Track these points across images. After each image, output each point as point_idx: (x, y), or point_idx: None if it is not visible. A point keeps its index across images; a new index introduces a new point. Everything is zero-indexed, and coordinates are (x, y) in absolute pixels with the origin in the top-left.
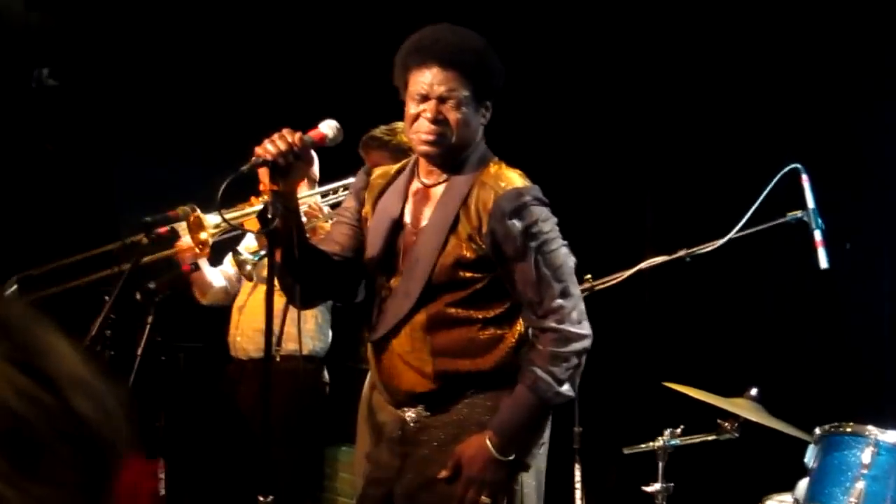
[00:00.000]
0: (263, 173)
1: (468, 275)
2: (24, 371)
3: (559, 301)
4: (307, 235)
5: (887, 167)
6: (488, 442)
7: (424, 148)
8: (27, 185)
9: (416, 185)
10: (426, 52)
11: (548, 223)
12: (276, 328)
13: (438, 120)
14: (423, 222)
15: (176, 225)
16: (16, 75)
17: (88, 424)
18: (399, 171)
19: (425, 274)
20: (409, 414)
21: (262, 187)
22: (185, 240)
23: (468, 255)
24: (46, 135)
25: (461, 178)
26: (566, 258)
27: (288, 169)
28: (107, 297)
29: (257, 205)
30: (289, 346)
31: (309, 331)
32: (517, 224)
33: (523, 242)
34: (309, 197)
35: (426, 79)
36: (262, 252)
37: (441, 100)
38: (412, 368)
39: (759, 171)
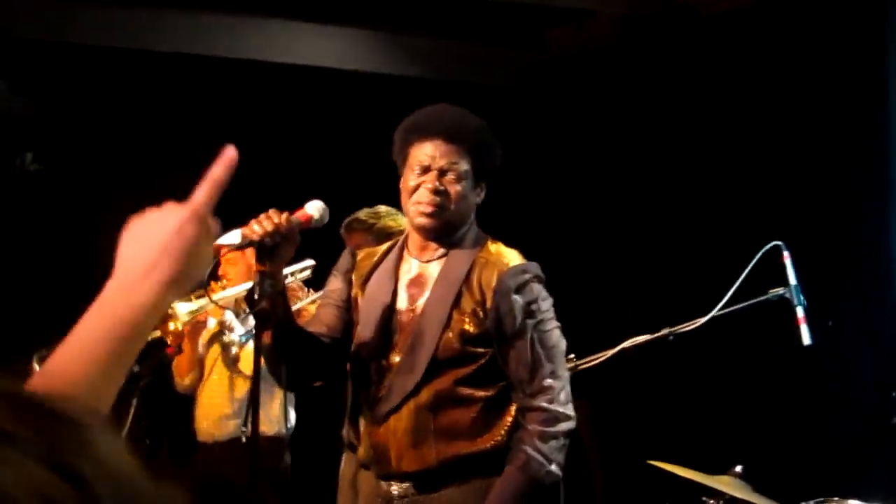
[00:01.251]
0: (250, 254)
1: (471, 349)
2: (49, 467)
3: (549, 381)
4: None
5: (867, 243)
6: None
7: (422, 220)
8: (14, 271)
9: (407, 263)
10: (430, 127)
11: (546, 302)
12: (242, 410)
13: (439, 191)
14: (421, 299)
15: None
16: None
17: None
18: (386, 252)
19: (430, 349)
20: (396, 488)
21: (220, 271)
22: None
23: (471, 329)
24: (30, 220)
25: (460, 254)
26: (559, 340)
27: (274, 249)
28: None
29: (218, 291)
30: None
31: (273, 413)
32: (519, 300)
33: (523, 319)
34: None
35: (428, 151)
36: (250, 335)
37: (442, 172)
38: (410, 445)
39: (741, 250)
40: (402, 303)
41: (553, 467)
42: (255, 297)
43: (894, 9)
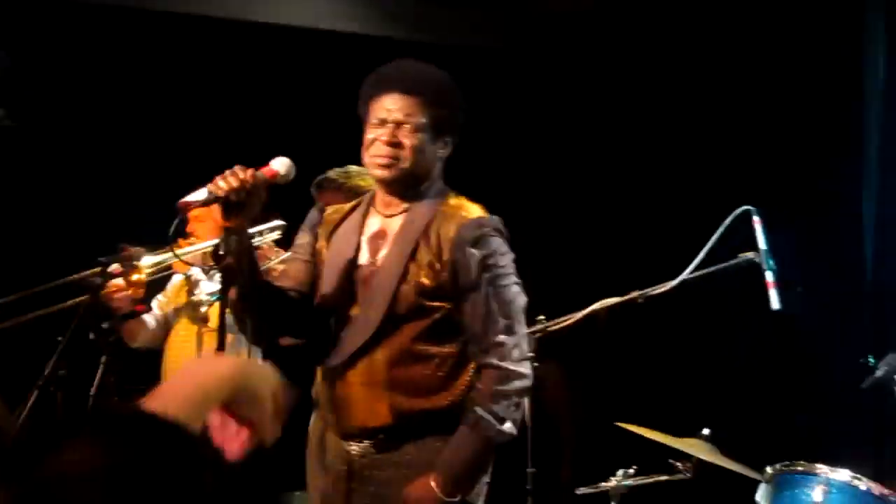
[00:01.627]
0: (215, 209)
1: (427, 304)
2: None
3: (502, 337)
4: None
5: (838, 207)
6: (433, 484)
7: (378, 172)
8: None
9: (372, 218)
10: (387, 81)
11: (505, 257)
12: None
13: (393, 143)
14: (382, 252)
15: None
16: None
17: None
18: (354, 208)
19: (385, 301)
20: (354, 448)
21: (188, 228)
22: (117, 281)
23: (427, 282)
24: (2, 177)
25: (421, 208)
26: (517, 296)
27: (240, 206)
28: (60, 338)
29: (185, 246)
30: None
31: None
32: (476, 253)
33: (478, 273)
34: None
35: (385, 104)
36: (218, 294)
37: (398, 125)
38: (366, 401)
39: (712, 213)
40: (363, 257)
41: (506, 426)
42: (221, 253)
43: None
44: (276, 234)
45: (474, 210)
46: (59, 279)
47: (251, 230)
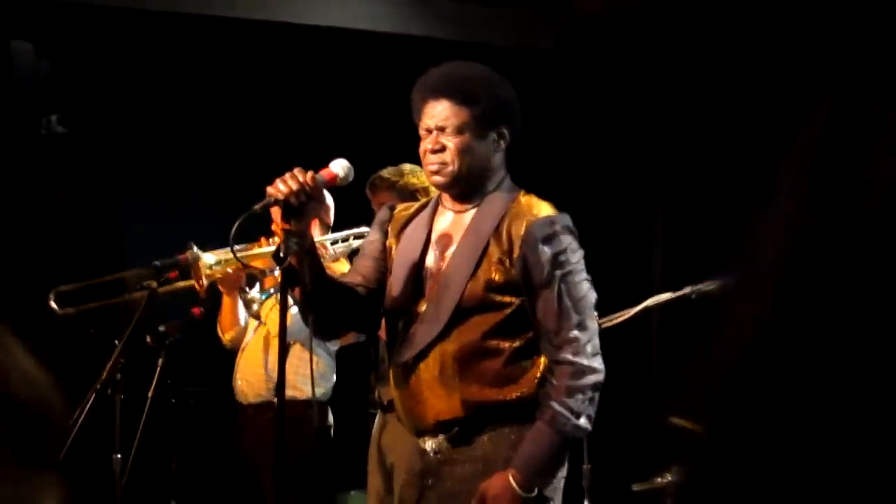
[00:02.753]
0: (276, 212)
1: (497, 298)
2: None
3: (575, 332)
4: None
5: None
6: (511, 480)
7: (433, 179)
8: (38, 231)
9: (442, 216)
10: (422, 90)
11: (576, 254)
12: (274, 374)
13: (437, 150)
14: (451, 249)
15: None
16: (26, 122)
17: (20, 404)
18: (424, 206)
19: (455, 297)
20: (430, 444)
21: (273, 227)
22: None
23: (497, 277)
24: (56, 182)
25: (491, 206)
26: (588, 291)
27: (300, 208)
28: (117, 342)
29: (266, 246)
30: (289, 392)
31: (306, 375)
32: (547, 251)
33: (550, 270)
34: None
35: (425, 114)
36: (271, 291)
37: (440, 129)
38: (438, 395)
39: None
40: (432, 253)
41: (582, 421)
42: (281, 255)
43: None
44: (358, 242)
45: (545, 208)
46: (109, 286)
47: (328, 237)
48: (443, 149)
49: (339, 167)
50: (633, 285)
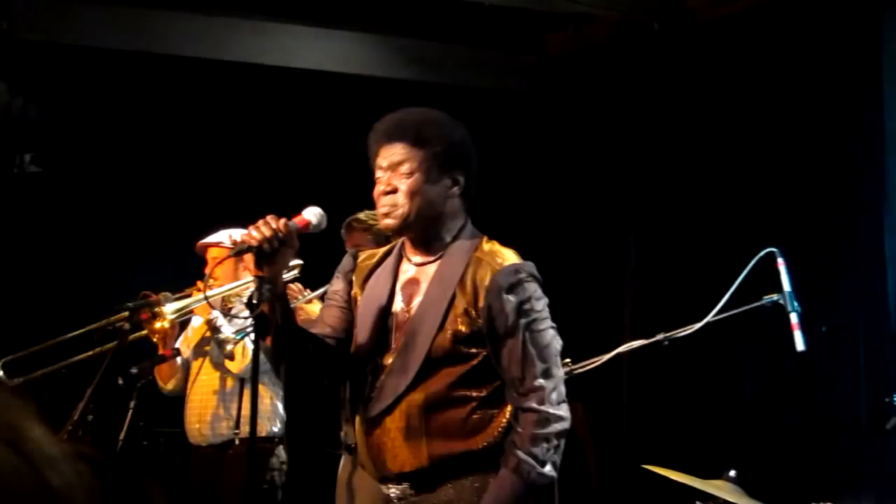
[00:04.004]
0: (249, 259)
1: (464, 349)
2: (8, 445)
3: (541, 381)
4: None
5: (861, 250)
6: None
7: (384, 223)
8: (6, 270)
9: (405, 265)
10: (376, 135)
11: (540, 302)
12: (233, 412)
13: (388, 192)
14: (417, 299)
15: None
16: None
17: (60, 496)
18: (387, 254)
19: (424, 349)
20: (394, 491)
21: (206, 270)
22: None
23: (464, 329)
24: (28, 220)
25: (455, 254)
26: (553, 339)
27: (273, 254)
28: (87, 390)
29: (200, 292)
30: (246, 428)
31: (265, 412)
32: (511, 300)
33: (515, 319)
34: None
35: (379, 156)
36: (247, 331)
37: (391, 172)
38: (404, 446)
39: (736, 256)
40: (398, 304)
41: (547, 469)
42: (255, 301)
43: (890, 14)
44: (293, 273)
45: (509, 256)
46: (84, 324)
47: (317, 293)
48: (394, 190)
49: (312, 214)
50: (605, 331)
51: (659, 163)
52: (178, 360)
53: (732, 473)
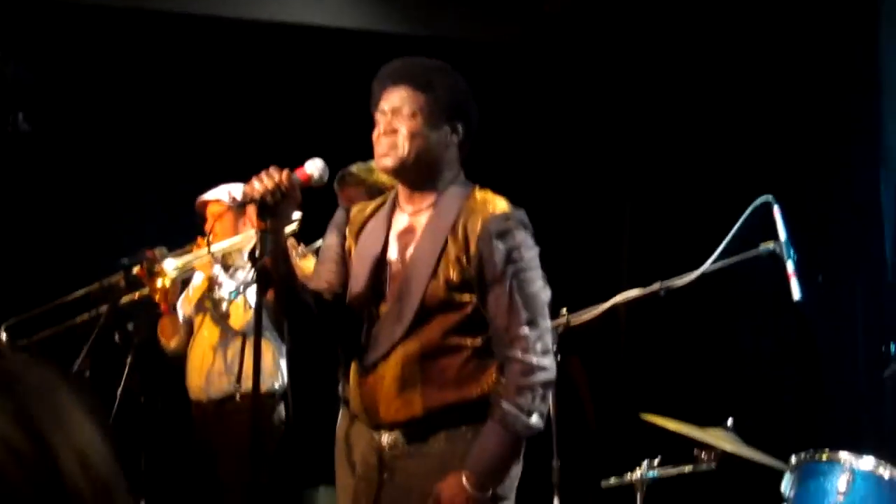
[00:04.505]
0: (250, 213)
1: (457, 297)
2: (20, 426)
3: (525, 330)
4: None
5: (857, 197)
6: (465, 480)
7: (380, 163)
8: (8, 231)
9: (398, 215)
10: (380, 79)
11: (530, 251)
12: (234, 367)
13: (388, 132)
14: (410, 249)
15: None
16: None
17: (74, 492)
18: (380, 206)
19: (418, 297)
20: (385, 438)
21: (206, 227)
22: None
23: (455, 276)
24: (20, 180)
25: (447, 203)
26: (540, 290)
27: (275, 207)
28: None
29: (203, 247)
30: (248, 383)
31: (266, 367)
32: (500, 247)
33: (503, 266)
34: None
35: (382, 99)
36: (240, 289)
37: (393, 114)
38: (397, 395)
39: (733, 204)
40: (392, 253)
41: (532, 419)
42: (257, 254)
43: None
44: (293, 226)
45: (500, 204)
46: (80, 283)
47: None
48: (394, 131)
49: (314, 167)
50: (602, 280)
51: (655, 111)
52: (181, 318)
53: (730, 422)
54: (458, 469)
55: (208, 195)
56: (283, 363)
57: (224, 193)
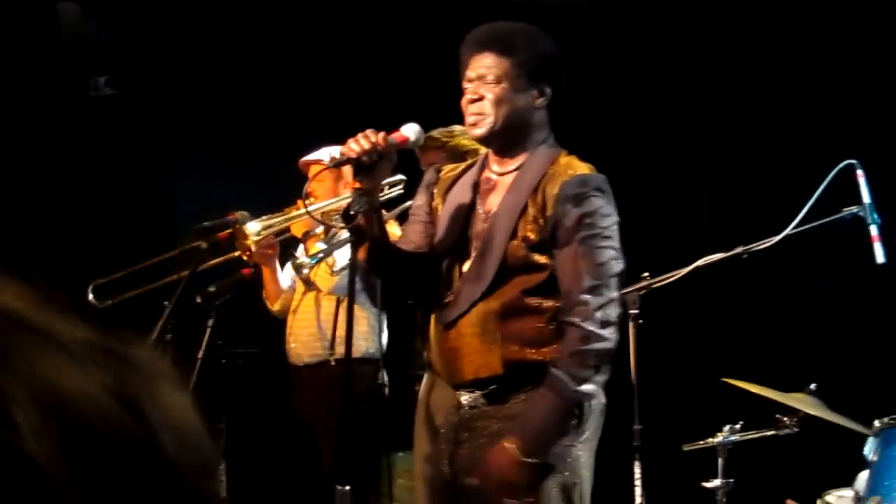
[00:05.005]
0: (348, 174)
1: (536, 258)
2: (118, 400)
3: (586, 297)
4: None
5: None
6: (512, 446)
7: (471, 132)
8: (86, 193)
9: (487, 174)
10: (467, 44)
11: (606, 219)
12: (328, 332)
13: (475, 99)
14: (493, 209)
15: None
16: (73, 84)
17: (171, 466)
18: (469, 167)
19: (498, 256)
20: (466, 398)
21: (306, 188)
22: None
23: (533, 236)
24: (103, 144)
25: (532, 165)
26: (611, 259)
27: (371, 167)
28: (166, 303)
29: (301, 209)
30: (341, 349)
31: (362, 333)
32: (574, 211)
33: (574, 229)
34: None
35: (468, 66)
36: (321, 255)
37: (479, 81)
38: (479, 351)
39: (815, 168)
40: (477, 213)
41: (584, 387)
42: (351, 213)
43: None
44: (399, 189)
45: (582, 168)
46: (164, 241)
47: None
48: (481, 98)
49: (411, 131)
50: (684, 244)
51: (736, 72)
52: (289, 281)
53: (813, 387)
54: None
55: (310, 156)
56: (379, 329)
57: (326, 155)
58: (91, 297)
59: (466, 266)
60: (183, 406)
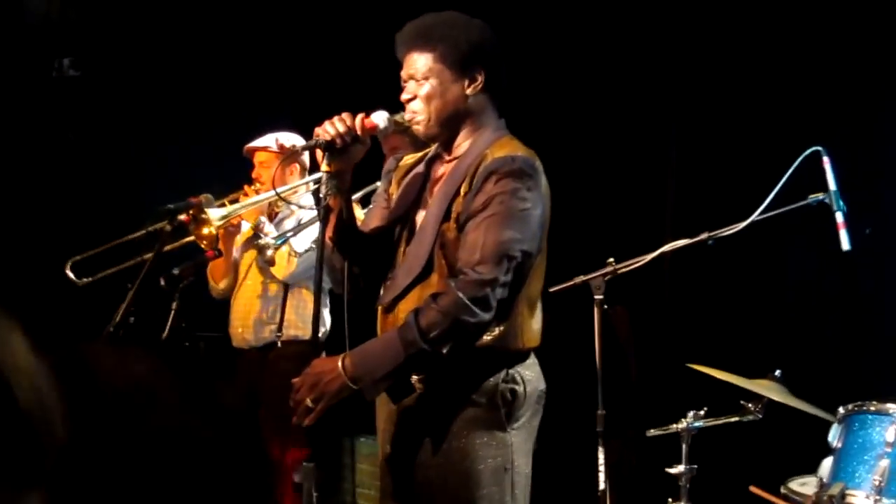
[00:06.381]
0: (299, 162)
1: None
2: None
3: (471, 272)
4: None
5: None
6: (340, 362)
7: (414, 130)
8: (49, 174)
9: (438, 164)
10: (396, 46)
11: (520, 202)
12: (276, 316)
13: (409, 99)
14: (435, 194)
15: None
16: (37, 65)
17: (26, 410)
18: (426, 155)
19: (431, 238)
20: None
21: (253, 174)
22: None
23: (463, 215)
24: (68, 124)
25: (473, 151)
26: (512, 241)
27: (344, 151)
28: (129, 285)
29: (251, 195)
30: (290, 331)
31: (309, 315)
32: (490, 187)
33: (483, 206)
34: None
35: (402, 67)
36: (289, 234)
37: (410, 81)
38: None
39: (781, 154)
40: (422, 199)
41: (426, 343)
42: (322, 195)
43: None
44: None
45: (514, 148)
46: (125, 231)
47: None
48: (414, 97)
49: (381, 118)
50: (648, 230)
51: (703, 57)
52: (234, 258)
53: (777, 373)
54: (461, 414)
55: (257, 143)
56: (327, 312)
57: (272, 141)
58: (70, 274)
59: (408, 250)
60: (29, 357)
